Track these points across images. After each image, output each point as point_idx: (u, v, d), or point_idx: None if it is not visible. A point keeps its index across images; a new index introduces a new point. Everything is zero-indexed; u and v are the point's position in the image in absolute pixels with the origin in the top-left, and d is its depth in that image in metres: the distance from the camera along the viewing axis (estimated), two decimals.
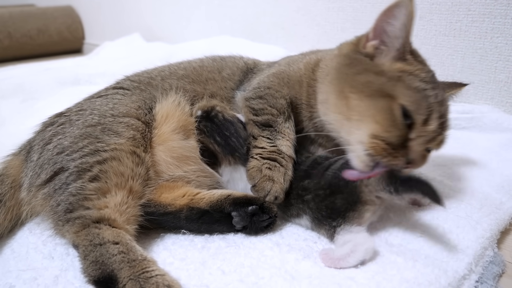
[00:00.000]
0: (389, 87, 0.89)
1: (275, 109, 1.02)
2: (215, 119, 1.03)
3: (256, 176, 0.93)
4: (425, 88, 0.89)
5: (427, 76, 0.92)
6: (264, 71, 1.18)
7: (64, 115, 1.03)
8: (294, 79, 1.07)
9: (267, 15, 2.49)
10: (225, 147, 1.01)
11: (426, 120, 0.88)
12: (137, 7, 3.45)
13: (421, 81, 0.90)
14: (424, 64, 0.96)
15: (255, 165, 0.95)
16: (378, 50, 0.95)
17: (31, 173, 0.93)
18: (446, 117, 0.93)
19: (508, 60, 1.56)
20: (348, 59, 0.98)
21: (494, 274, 0.83)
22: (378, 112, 0.88)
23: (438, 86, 0.93)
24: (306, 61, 1.11)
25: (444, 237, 0.90)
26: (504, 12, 1.52)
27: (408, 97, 0.87)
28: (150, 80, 1.15)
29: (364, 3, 1.96)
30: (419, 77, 0.90)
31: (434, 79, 0.95)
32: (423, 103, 0.88)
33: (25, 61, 3.27)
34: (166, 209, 0.93)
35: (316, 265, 0.82)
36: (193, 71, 1.19)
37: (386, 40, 0.94)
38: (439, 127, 0.90)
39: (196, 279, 0.79)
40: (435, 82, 0.94)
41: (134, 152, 0.92)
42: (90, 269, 0.76)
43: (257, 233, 0.92)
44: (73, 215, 0.82)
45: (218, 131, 1.02)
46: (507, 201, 1.06)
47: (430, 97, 0.88)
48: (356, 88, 0.92)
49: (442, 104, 0.91)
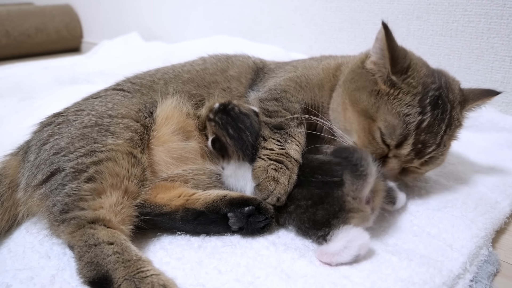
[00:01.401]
0: (373, 109, 0.96)
1: (289, 113, 1.04)
2: (232, 112, 1.04)
3: (261, 176, 0.93)
4: (408, 113, 0.93)
5: (413, 101, 0.93)
6: (277, 73, 1.20)
7: (61, 115, 1.03)
8: (313, 83, 1.11)
9: (265, 14, 2.49)
10: (237, 141, 1.00)
11: (398, 145, 0.95)
12: (136, 6, 3.45)
13: (405, 105, 0.93)
14: (414, 87, 0.95)
15: (261, 165, 0.95)
16: (376, 67, 0.99)
17: (28, 173, 0.93)
18: (427, 143, 0.95)
19: (504, 60, 1.56)
20: (353, 73, 1.04)
21: (488, 273, 0.84)
22: (361, 130, 0.98)
23: (432, 108, 0.93)
24: (326, 67, 1.16)
25: (439, 237, 0.90)
26: (500, 12, 1.52)
27: (385, 122, 0.94)
28: (152, 84, 1.15)
29: (361, 3, 1.96)
30: (404, 101, 0.93)
31: (424, 100, 0.94)
32: (398, 130, 0.93)
33: (23, 60, 3.26)
34: (161, 210, 0.92)
35: (312, 264, 0.82)
36: (197, 75, 1.20)
37: (378, 59, 0.99)
38: (412, 152, 0.95)
39: (193, 278, 0.79)
40: (425, 103, 0.93)
41: (130, 153, 0.92)
42: (85, 270, 0.76)
43: (253, 234, 0.92)
44: (68, 215, 0.83)
45: (232, 123, 1.02)
46: (502, 201, 1.06)
47: (409, 124, 0.93)
48: (352, 103, 0.99)
49: (427, 128, 0.93)
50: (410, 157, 0.96)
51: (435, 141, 0.95)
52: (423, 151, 0.95)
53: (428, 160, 0.99)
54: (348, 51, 1.35)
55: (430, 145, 0.95)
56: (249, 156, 0.99)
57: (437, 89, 0.96)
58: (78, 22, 4.07)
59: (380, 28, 0.94)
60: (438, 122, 0.95)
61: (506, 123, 1.51)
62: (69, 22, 3.98)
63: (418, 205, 1.02)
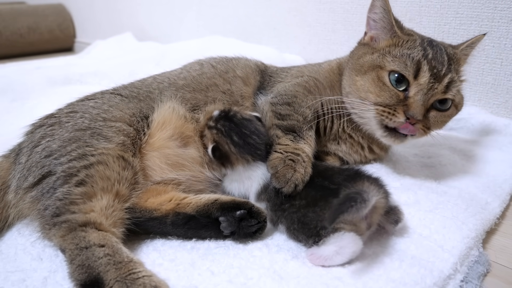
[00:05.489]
0: (379, 60, 1.09)
1: (302, 117, 1.09)
2: (234, 118, 1.03)
3: (278, 165, 0.95)
4: (411, 52, 1.06)
5: (414, 44, 1.08)
6: (283, 77, 1.27)
7: (54, 117, 1.02)
8: (324, 85, 1.21)
9: (258, 15, 2.50)
10: (243, 147, 1.00)
11: (416, 75, 1.04)
12: (129, 6, 3.44)
13: (407, 48, 1.07)
14: (411, 35, 1.12)
15: (279, 157, 0.97)
16: (374, 39, 1.16)
17: (19, 175, 0.93)
18: (440, 68, 1.04)
19: (495, 62, 1.58)
20: (353, 54, 1.20)
21: (479, 273, 0.85)
22: (370, 84, 1.08)
23: (430, 47, 1.07)
24: (329, 68, 1.27)
25: (431, 238, 0.91)
26: (491, 15, 1.54)
27: (394, 62, 1.06)
28: (149, 94, 1.16)
29: (354, 5, 1.97)
30: (405, 46, 1.08)
31: (423, 43, 1.08)
32: (409, 62, 1.04)
33: (15, 60, 3.24)
34: (152, 214, 0.92)
35: (304, 265, 0.83)
36: (193, 80, 1.21)
37: (376, 27, 1.15)
38: (432, 77, 1.03)
39: (185, 280, 0.79)
40: (424, 45, 1.08)
41: (121, 156, 0.92)
42: (77, 273, 0.75)
43: (245, 238, 0.90)
44: (59, 219, 0.82)
45: (236, 130, 1.01)
46: (492, 202, 1.07)
47: (416, 56, 1.05)
48: (358, 71, 1.12)
49: (433, 58, 1.05)
50: (431, 83, 1.03)
51: (445, 66, 1.05)
52: (440, 74, 1.04)
53: (449, 85, 1.05)
54: (341, 53, 1.36)
55: (443, 69, 1.05)
56: (262, 155, 1.00)
57: (428, 38, 1.13)
58: (71, 21, 4.05)
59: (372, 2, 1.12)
60: (440, 53, 1.07)
61: (497, 125, 1.53)
62: (62, 21, 3.96)
63: (409, 206, 1.02)
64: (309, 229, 0.84)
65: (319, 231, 0.82)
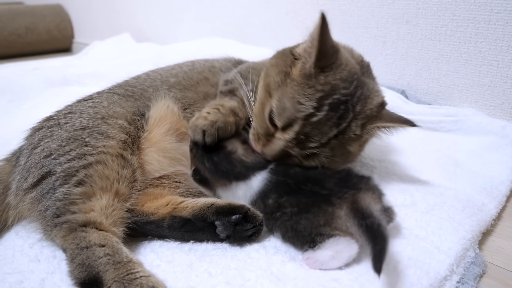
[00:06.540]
0: (274, 86, 0.96)
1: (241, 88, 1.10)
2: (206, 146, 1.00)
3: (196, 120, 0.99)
4: (303, 103, 0.90)
5: (313, 95, 0.90)
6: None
7: (52, 119, 1.03)
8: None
9: (257, 17, 2.50)
10: (215, 173, 0.97)
11: (284, 128, 0.93)
12: (128, 6, 3.43)
13: (303, 95, 0.91)
14: (321, 84, 0.91)
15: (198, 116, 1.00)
16: (304, 53, 0.97)
17: (19, 177, 0.93)
18: (311, 138, 0.91)
19: (492, 64, 1.59)
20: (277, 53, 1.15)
21: (475, 274, 0.85)
22: (259, 101, 1.00)
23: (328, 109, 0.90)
24: None
25: (427, 239, 0.91)
26: (488, 18, 1.55)
27: (279, 101, 0.93)
28: (143, 93, 1.16)
29: (351, 7, 1.98)
30: (304, 92, 0.91)
31: (323, 101, 0.90)
32: (287, 113, 0.91)
33: (13, 60, 3.23)
34: (148, 218, 0.92)
35: (302, 267, 0.83)
36: (184, 76, 1.22)
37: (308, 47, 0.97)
38: (294, 141, 0.92)
39: (183, 281, 0.80)
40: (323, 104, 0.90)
41: (120, 154, 0.92)
42: (77, 272, 0.76)
43: (241, 242, 0.90)
44: (60, 219, 0.83)
45: (207, 156, 0.98)
46: (488, 203, 1.08)
47: (300, 112, 0.90)
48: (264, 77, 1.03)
49: (313, 125, 0.90)
50: (292, 144, 0.93)
51: (321, 140, 0.91)
52: (305, 144, 0.92)
53: (310, 156, 0.94)
54: None
55: (313, 141, 0.91)
56: (237, 177, 0.96)
57: (345, 95, 0.92)
58: (69, 22, 4.04)
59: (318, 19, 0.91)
60: (331, 124, 0.91)
61: (493, 126, 1.53)
62: (60, 22, 3.95)
63: (406, 207, 1.03)
64: (304, 236, 0.84)
65: (314, 237, 0.82)
